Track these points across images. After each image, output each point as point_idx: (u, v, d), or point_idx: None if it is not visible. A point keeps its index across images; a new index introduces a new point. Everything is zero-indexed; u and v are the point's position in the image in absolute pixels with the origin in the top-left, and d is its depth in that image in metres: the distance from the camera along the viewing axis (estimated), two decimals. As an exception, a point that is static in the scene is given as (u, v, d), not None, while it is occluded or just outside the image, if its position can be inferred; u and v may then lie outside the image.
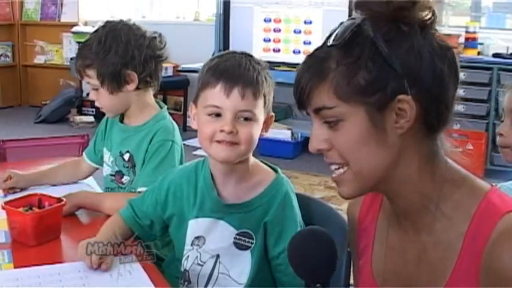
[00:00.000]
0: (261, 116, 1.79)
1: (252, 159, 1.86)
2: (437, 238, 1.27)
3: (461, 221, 1.23)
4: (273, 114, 1.86)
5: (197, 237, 1.87)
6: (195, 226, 1.87)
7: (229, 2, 7.11)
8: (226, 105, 1.74)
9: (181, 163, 2.28)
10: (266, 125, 1.84)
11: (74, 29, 8.48)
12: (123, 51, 2.27)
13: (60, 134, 5.02)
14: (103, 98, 2.33)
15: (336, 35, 1.22)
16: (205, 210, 1.85)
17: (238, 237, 1.83)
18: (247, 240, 1.82)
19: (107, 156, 2.44)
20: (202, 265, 1.86)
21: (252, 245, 1.82)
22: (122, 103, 2.35)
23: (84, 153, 2.61)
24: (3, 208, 1.98)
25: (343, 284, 1.75)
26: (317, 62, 1.24)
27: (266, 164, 1.91)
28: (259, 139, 1.79)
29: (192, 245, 1.88)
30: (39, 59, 9.22)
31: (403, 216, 1.32)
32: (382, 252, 1.38)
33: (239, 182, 1.85)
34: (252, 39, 6.99)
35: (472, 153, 5.48)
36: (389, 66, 1.18)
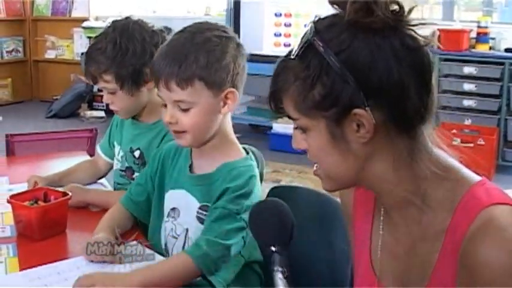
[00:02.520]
0: (202, 99, 1.76)
1: (229, 139, 1.88)
2: (424, 231, 1.26)
3: (445, 214, 1.22)
4: (233, 90, 1.80)
5: (172, 209, 1.90)
6: (170, 197, 1.93)
7: (239, -4, 7.09)
8: (165, 96, 1.79)
9: None
10: (226, 102, 1.80)
11: (85, 24, 8.49)
12: (141, 51, 2.22)
13: (70, 128, 5.01)
14: (121, 101, 2.28)
15: (296, 46, 1.23)
16: (180, 182, 1.90)
17: (200, 211, 1.84)
18: (207, 214, 1.82)
19: (117, 150, 2.43)
20: (176, 238, 1.89)
21: None
22: (139, 103, 2.31)
23: (98, 148, 2.59)
24: (8, 202, 1.97)
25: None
26: (282, 73, 1.25)
27: (245, 148, 1.93)
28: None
29: (168, 216, 1.92)
30: (50, 54, 9.22)
31: (391, 209, 1.33)
32: (378, 243, 1.38)
33: (208, 157, 1.87)
34: (262, 33, 6.97)
35: (484, 148, 5.44)
36: (343, 81, 1.17)
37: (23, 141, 3.14)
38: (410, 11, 1.20)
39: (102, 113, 8.01)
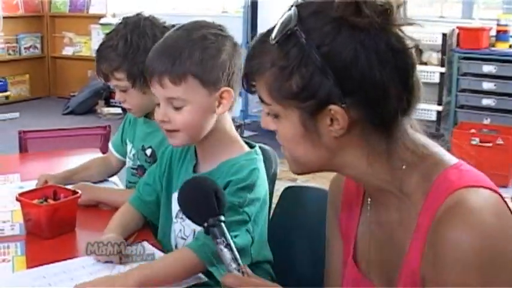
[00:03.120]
0: (195, 96, 1.72)
1: (229, 136, 1.84)
2: (401, 219, 1.25)
3: (419, 199, 1.21)
4: (228, 89, 1.75)
5: (180, 210, 1.86)
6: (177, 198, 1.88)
7: (257, -6, 7.05)
8: (158, 94, 1.76)
9: None
10: (221, 102, 1.76)
11: (102, 20, 8.49)
12: (152, 47, 2.19)
13: (86, 125, 5.00)
14: (133, 99, 2.25)
15: (277, 30, 1.19)
16: None
17: None
18: None
19: (129, 148, 2.40)
20: (185, 239, 1.86)
21: None
22: (152, 101, 2.23)
23: (110, 145, 2.55)
24: (17, 200, 1.95)
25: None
26: (258, 55, 1.22)
27: (249, 144, 1.89)
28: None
29: (176, 217, 1.90)
30: (68, 51, 9.24)
31: (372, 197, 1.32)
32: (366, 234, 1.36)
33: (210, 156, 1.84)
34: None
35: (503, 148, 5.36)
36: (323, 75, 1.14)
37: (35, 137, 3.12)
38: (398, 6, 1.16)
39: (119, 110, 7.99)
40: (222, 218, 1.41)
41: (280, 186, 2.11)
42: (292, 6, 1.20)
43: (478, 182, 1.17)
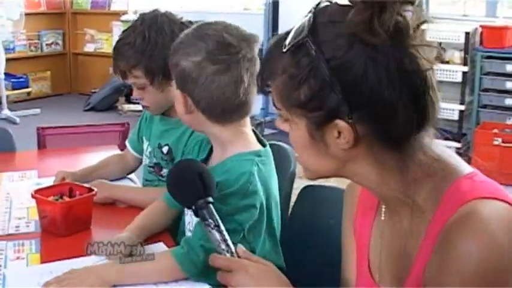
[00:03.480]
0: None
1: (239, 131, 1.78)
2: (412, 228, 1.21)
3: (430, 209, 1.18)
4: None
5: None
6: None
7: (278, -10, 7.02)
8: None
9: None
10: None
11: (124, 17, 8.49)
12: (171, 43, 2.13)
13: (107, 122, 5.00)
14: (151, 96, 2.21)
15: (290, 37, 1.17)
16: None
17: None
18: None
19: (146, 146, 2.38)
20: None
21: None
22: (169, 99, 2.20)
23: (127, 143, 2.53)
24: (33, 197, 1.93)
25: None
26: (271, 60, 1.22)
27: (263, 142, 1.85)
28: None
29: (187, 210, 1.87)
30: (89, 47, 9.27)
31: (386, 205, 1.29)
32: (379, 241, 1.33)
33: (219, 151, 1.82)
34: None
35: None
36: (330, 89, 1.11)
37: (53, 134, 3.12)
38: (418, 25, 1.13)
39: (139, 107, 7.87)
40: (210, 199, 1.42)
41: (300, 185, 2.08)
42: (310, 11, 1.18)
43: (492, 193, 1.13)
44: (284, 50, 1.16)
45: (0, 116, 7.72)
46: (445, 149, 1.24)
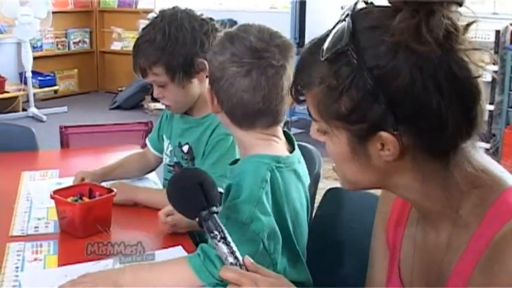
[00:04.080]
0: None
1: (264, 137, 1.71)
2: (450, 241, 1.15)
3: (473, 222, 1.10)
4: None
5: None
6: None
7: (305, -11, 6.97)
8: None
9: None
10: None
11: (150, 15, 8.41)
12: (191, 40, 2.11)
13: (132, 120, 4.99)
14: (172, 94, 2.18)
15: (328, 45, 1.09)
16: None
17: None
18: None
19: (166, 145, 2.34)
20: None
21: None
22: (191, 97, 2.20)
23: (147, 141, 2.50)
24: (51, 197, 1.91)
25: None
26: (307, 68, 1.14)
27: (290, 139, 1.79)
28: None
29: None
30: (116, 46, 9.28)
31: (423, 217, 1.22)
32: (411, 252, 1.27)
33: (243, 155, 1.76)
34: (328, 26, 6.82)
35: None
36: (374, 99, 1.04)
37: (77, 133, 3.10)
38: (467, 27, 1.05)
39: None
40: (215, 209, 1.33)
41: (327, 185, 2.04)
42: (347, 15, 1.10)
43: None
44: (322, 59, 1.09)
45: (27, 114, 7.77)
46: (489, 159, 1.17)
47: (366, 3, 1.12)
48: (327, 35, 1.11)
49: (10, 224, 1.98)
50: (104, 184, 2.11)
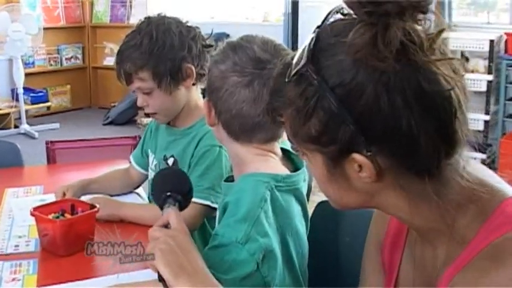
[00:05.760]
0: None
1: (261, 153, 1.61)
2: (448, 257, 1.08)
3: (470, 236, 1.04)
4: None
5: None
6: None
7: (297, 1, 6.97)
8: None
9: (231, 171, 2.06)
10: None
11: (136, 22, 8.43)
12: (179, 44, 2.06)
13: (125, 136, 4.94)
14: (158, 101, 2.11)
15: (293, 65, 1.03)
16: None
17: None
18: None
19: (151, 159, 2.28)
20: None
21: None
22: (177, 105, 2.14)
23: (131, 158, 2.43)
24: (32, 214, 1.83)
25: None
26: (277, 91, 1.08)
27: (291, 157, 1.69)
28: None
29: None
30: (109, 61, 9.19)
31: (419, 235, 1.16)
32: (410, 271, 1.20)
33: (237, 170, 1.66)
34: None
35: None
36: (340, 120, 0.97)
37: (63, 148, 3.03)
38: (435, 38, 0.97)
39: (158, 120, 7.92)
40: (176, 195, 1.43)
41: (321, 198, 1.97)
42: (314, 31, 1.03)
43: None
44: (287, 80, 1.03)
45: (19, 130, 7.69)
46: (485, 169, 1.11)
47: (343, 14, 1.04)
48: (296, 54, 1.05)
49: (-11, 243, 1.91)
50: (86, 199, 2.04)
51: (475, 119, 5.63)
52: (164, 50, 2.05)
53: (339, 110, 0.96)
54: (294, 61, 1.03)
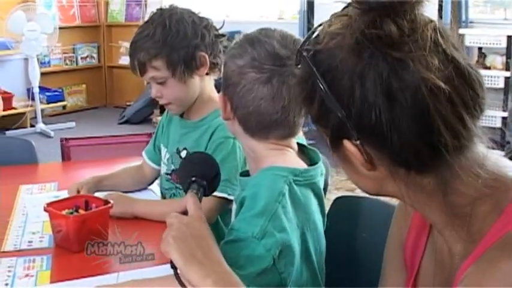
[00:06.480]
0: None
1: (277, 148, 1.59)
2: (466, 251, 1.04)
3: (485, 229, 1.01)
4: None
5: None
6: None
7: (313, -1, 6.93)
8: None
9: (245, 163, 2.04)
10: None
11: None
12: (192, 32, 2.06)
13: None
14: (172, 90, 2.10)
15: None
16: None
17: None
18: None
19: (164, 153, 2.26)
20: None
21: None
22: (191, 94, 2.13)
23: (143, 154, 2.42)
24: (45, 210, 1.82)
25: None
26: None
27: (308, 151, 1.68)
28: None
29: None
30: (124, 60, 9.20)
31: (437, 230, 1.13)
32: (431, 269, 1.18)
33: (253, 166, 1.63)
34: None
35: None
36: (328, 105, 0.99)
37: (77, 145, 3.02)
38: (425, 27, 0.96)
39: (174, 119, 7.91)
40: (202, 181, 1.42)
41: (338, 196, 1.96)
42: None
43: None
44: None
45: (35, 129, 7.71)
46: (504, 161, 1.08)
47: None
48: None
49: (3, 238, 1.90)
50: (100, 195, 2.02)
51: (493, 116, 5.57)
52: (178, 38, 2.05)
53: (325, 94, 0.98)
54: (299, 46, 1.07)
